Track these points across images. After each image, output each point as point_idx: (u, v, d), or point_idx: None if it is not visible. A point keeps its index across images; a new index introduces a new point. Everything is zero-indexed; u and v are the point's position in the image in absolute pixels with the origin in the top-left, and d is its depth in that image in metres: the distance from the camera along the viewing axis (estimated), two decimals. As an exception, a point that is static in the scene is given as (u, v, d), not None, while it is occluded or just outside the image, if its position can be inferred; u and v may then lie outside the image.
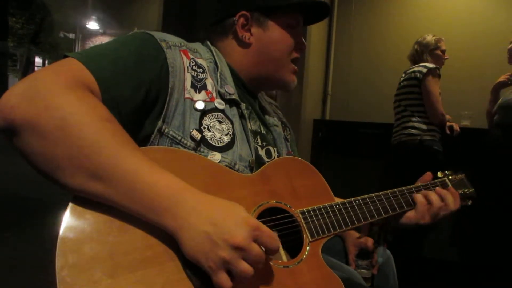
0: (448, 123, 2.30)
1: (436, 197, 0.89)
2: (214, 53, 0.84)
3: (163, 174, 0.55)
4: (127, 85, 0.63)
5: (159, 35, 0.72)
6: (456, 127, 2.31)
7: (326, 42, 3.67)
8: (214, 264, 0.52)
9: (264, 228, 0.57)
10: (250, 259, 0.53)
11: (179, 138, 0.69)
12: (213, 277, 0.53)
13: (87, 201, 0.54)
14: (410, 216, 0.89)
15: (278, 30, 0.85)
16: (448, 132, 2.28)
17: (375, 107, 3.40)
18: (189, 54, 0.76)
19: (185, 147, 0.69)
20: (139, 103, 0.65)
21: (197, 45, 0.84)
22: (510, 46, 2.28)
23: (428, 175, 0.96)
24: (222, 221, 0.53)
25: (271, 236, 0.57)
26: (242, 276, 0.53)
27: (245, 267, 0.53)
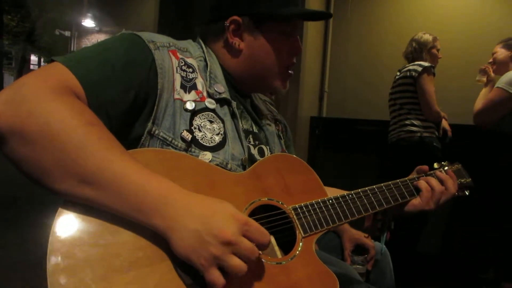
0: (443, 122, 2.31)
1: (436, 182, 0.91)
2: (205, 51, 0.83)
3: (151, 176, 0.55)
4: (115, 89, 0.63)
5: (146, 36, 0.71)
6: (448, 132, 2.32)
7: (322, 40, 3.66)
8: (205, 261, 0.52)
9: (253, 222, 0.57)
10: (241, 254, 0.54)
11: (170, 139, 0.69)
12: (206, 275, 0.53)
13: (77, 205, 0.54)
14: (415, 203, 0.91)
15: (271, 38, 0.82)
16: (440, 133, 2.29)
17: (371, 104, 3.41)
18: (178, 54, 0.75)
19: (176, 148, 0.69)
20: (128, 106, 0.64)
21: (188, 43, 0.83)
22: (495, 54, 2.27)
23: (424, 167, 0.97)
24: (210, 218, 0.54)
25: (260, 230, 0.57)
26: (234, 271, 0.53)
27: (236, 262, 0.53)
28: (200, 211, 0.54)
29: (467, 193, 0.99)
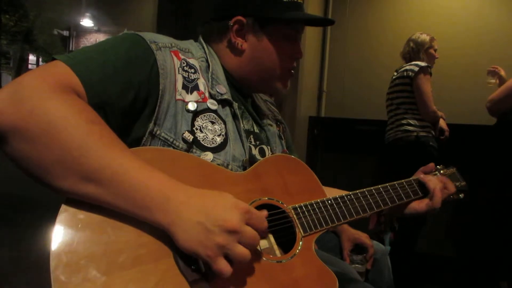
0: (440, 122, 2.32)
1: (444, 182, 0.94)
2: (207, 51, 0.83)
3: (153, 172, 0.55)
4: (115, 88, 0.63)
5: (149, 36, 0.71)
6: (446, 133, 2.33)
7: (321, 40, 3.67)
8: (212, 251, 0.53)
9: (254, 210, 0.59)
10: (245, 242, 0.55)
11: (171, 140, 0.69)
12: (213, 265, 0.53)
13: (79, 202, 0.54)
14: (420, 204, 0.92)
15: (273, 40, 0.82)
16: (437, 133, 2.30)
17: (369, 104, 3.41)
18: (180, 54, 0.75)
19: (177, 149, 0.69)
20: (127, 106, 0.65)
21: (189, 43, 0.83)
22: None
23: (431, 165, 0.99)
24: (213, 209, 0.55)
25: (261, 217, 0.59)
26: (240, 259, 0.54)
27: (241, 250, 0.54)
28: (202, 203, 0.55)
29: (461, 197, 1.00)
